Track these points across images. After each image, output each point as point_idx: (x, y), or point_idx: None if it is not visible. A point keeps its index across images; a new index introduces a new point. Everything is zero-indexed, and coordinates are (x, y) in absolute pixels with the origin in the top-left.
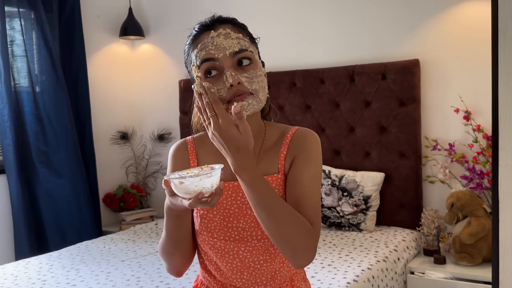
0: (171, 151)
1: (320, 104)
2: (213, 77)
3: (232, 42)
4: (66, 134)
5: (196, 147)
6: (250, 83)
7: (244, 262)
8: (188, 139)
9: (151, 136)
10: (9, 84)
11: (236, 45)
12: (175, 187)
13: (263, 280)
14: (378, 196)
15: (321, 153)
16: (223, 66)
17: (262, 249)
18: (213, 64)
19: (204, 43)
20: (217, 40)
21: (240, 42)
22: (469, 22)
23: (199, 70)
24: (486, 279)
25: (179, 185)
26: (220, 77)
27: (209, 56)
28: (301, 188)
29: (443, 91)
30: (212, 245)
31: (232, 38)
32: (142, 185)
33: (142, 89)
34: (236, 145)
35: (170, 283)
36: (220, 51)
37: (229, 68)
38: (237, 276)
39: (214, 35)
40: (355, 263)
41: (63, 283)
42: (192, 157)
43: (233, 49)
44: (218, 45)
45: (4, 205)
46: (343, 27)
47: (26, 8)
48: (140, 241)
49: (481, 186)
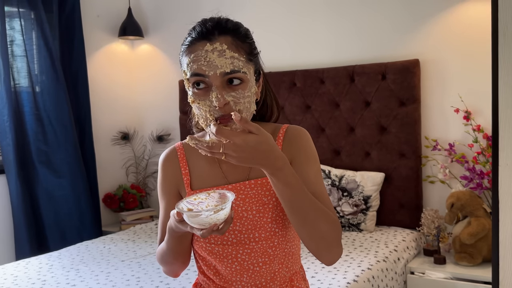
0: (161, 160)
1: (320, 104)
2: (201, 89)
3: (225, 61)
4: (66, 134)
5: (186, 153)
6: (236, 103)
7: (243, 265)
8: (177, 146)
9: (150, 137)
10: (9, 84)
11: (228, 66)
12: (188, 218)
13: (262, 282)
14: (378, 196)
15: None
16: (212, 83)
17: (260, 251)
18: (202, 79)
19: (197, 55)
20: (210, 56)
21: (233, 63)
22: (469, 22)
23: (189, 78)
24: (486, 279)
25: (193, 218)
26: (208, 91)
27: (200, 72)
28: (311, 187)
29: (443, 91)
30: (210, 250)
31: (226, 58)
32: (142, 185)
33: (141, 89)
34: (262, 149)
35: (170, 283)
36: (211, 69)
37: (217, 87)
38: (236, 279)
39: (208, 49)
40: (355, 263)
41: (63, 283)
42: (182, 164)
43: (224, 69)
44: (211, 62)
45: (4, 205)
46: (343, 27)
47: (26, 8)
48: (140, 241)
49: (481, 186)
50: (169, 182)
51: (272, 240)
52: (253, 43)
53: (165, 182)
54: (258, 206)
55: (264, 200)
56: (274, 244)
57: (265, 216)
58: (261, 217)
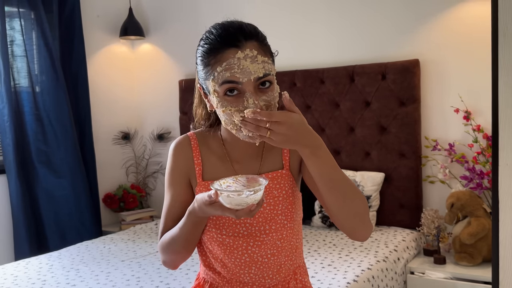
0: (173, 147)
1: (320, 104)
2: (234, 96)
3: (258, 66)
4: (66, 134)
5: (199, 143)
6: (268, 106)
7: (253, 257)
8: (190, 135)
9: (151, 136)
10: (9, 84)
11: (261, 70)
12: (225, 198)
13: (269, 274)
14: (378, 196)
15: None
16: (245, 89)
17: (270, 243)
18: (235, 86)
19: (229, 63)
20: (243, 63)
21: (265, 67)
22: (469, 22)
23: (219, 86)
24: (486, 279)
25: (234, 197)
26: (241, 97)
27: (233, 79)
28: None
29: (443, 91)
30: (220, 241)
31: (258, 63)
32: (142, 185)
33: (142, 89)
34: (305, 128)
35: (170, 283)
36: (245, 76)
37: (251, 92)
38: (244, 271)
39: (240, 57)
40: (355, 263)
41: (63, 283)
42: (195, 153)
43: (257, 75)
44: (244, 69)
45: (4, 205)
46: (343, 27)
47: (26, 8)
48: (140, 241)
49: (481, 186)
50: (180, 170)
51: (281, 232)
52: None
53: (176, 170)
54: (269, 199)
55: (274, 193)
56: (283, 236)
57: (276, 208)
58: (272, 210)
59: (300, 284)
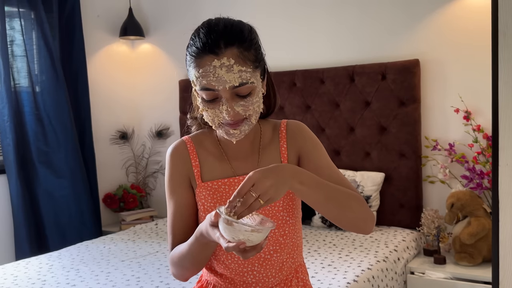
0: (170, 152)
1: (320, 104)
2: (211, 101)
3: (234, 76)
4: (66, 134)
5: (195, 146)
6: (245, 110)
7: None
8: (186, 139)
9: (150, 134)
10: (9, 84)
11: (237, 80)
12: (222, 225)
13: (272, 272)
14: (378, 196)
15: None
16: (221, 96)
17: (272, 240)
18: (211, 93)
19: (206, 70)
20: (219, 72)
21: (241, 76)
22: (469, 22)
23: (199, 90)
24: (486, 279)
25: (227, 225)
26: (218, 102)
27: (209, 87)
28: (326, 171)
29: (443, 91)
30: None
31: (234, 72)
32: (142, 185)
33: (142, 89)
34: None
35: (170, 283)
36: (221, 84)
37: (227, 99)
38: (248, 269)
39: (217, 65)
40: (355, 263)
41: (63, 283)
42: (193, 156)
43: (233, 84)
44: (220, 77)
45: (4, 205)
46: (343, 27)
47: (26, 8)
48: (140, 241)
49: (481, 186)
50: (180, 173)
51: (283, 228)
52: (258, 48)
53: (176, 173)
54: None
55: None
56: (285, 233)
57: (276, 205)
58: (273, 206)
59: (302, 282)
